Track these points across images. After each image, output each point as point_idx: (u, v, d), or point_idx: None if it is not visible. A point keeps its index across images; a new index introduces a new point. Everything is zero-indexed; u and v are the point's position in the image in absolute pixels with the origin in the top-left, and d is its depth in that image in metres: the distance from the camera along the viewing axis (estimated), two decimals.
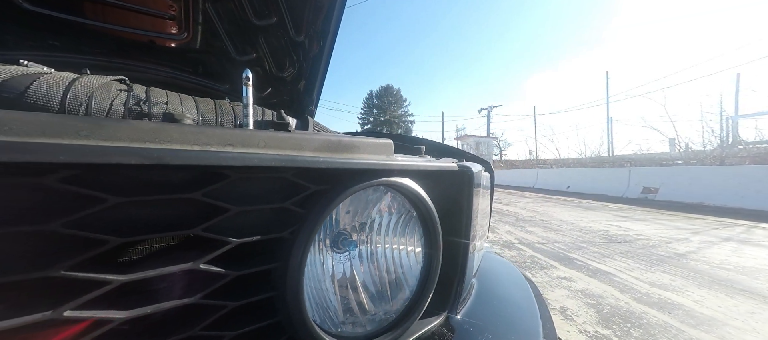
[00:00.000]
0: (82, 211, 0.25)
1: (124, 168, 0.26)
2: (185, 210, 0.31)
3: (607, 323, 1.88)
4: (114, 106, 0.63)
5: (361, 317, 0.47)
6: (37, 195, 0.25)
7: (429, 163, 0.51)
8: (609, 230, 4.56)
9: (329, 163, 0.37)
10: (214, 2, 1.42)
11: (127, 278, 0.27)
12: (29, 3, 1.19)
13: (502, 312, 0.66)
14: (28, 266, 0.24)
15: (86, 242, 0.26)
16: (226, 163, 0.30)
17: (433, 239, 0.51)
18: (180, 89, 1.86)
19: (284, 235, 0.37)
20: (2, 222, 0.23)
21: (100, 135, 0.27)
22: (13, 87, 0.54)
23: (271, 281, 0.38)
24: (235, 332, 0.35)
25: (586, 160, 19.98)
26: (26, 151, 0.23)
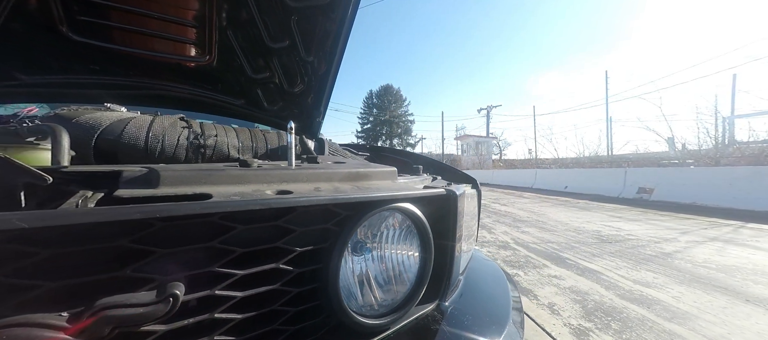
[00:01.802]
0: (226, 234, 0.44)
1: (249, 212, 0.44)
2: (272, 232, 0.49)
3: (590, 317, 2.07)
4: (179, 141, 0.81)
5: (374, 302, 0.65)
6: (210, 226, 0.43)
7: (424, 191, 0.68)
8: (601, 231, 4.75)
9: (357, 199, 0.55)
10: (235, 29, 1.59)
11: (245, 272, 0.45)
12: (73, 33, 1.36)
13: (481, 301, 0.83)
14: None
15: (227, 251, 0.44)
16: (299, 203, 0.47)
17: (426, 246, 0.68)
18: (201, 105, 2.06)
19: (326, 246, 0.55)
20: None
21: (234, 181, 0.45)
22: (114, 130, 0.71)
23: (317, 277, 0.55)
24: (296, 308, 0.53)
25: (584, 160, 20.18)
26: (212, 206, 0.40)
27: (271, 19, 1.61)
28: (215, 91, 1.96)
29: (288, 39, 1.69)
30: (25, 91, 1.47)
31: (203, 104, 1.99)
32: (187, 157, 0.82)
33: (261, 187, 0.54)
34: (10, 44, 1.27)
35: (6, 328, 0.30)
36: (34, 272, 0.32)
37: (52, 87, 1.54)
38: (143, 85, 1.70)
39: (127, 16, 1.42)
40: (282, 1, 1.53)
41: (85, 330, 0.33)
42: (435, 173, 1.14)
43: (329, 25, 1.72)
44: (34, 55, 1.39)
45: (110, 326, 0.34)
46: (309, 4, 1.61)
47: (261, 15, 1.59)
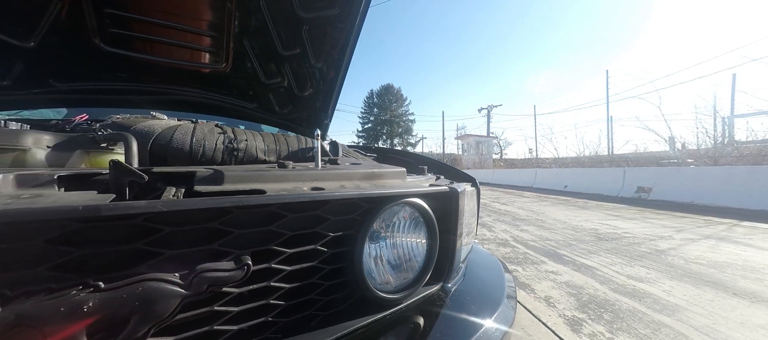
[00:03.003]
0: (279, 220, 0.56)
1: (296, 203, 0.57)
2: (313, 219, 0.62)
3: (583, 309, 2.20)
4: (217, 145, 0.93)
5: (389, 281, 0.78)
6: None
7: (431, 188, 0.81)
8: (599, 229, 4.89)
9: (377, 194, 0.68)
10: (250, 38, 1.72)
11: (294, 251, 0.58)
12: (104, 44, 1.49)
13: (479, 285, 0.97)
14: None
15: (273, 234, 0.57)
16: (334, 197, 0.60)
17: (432, 235, 0.81)
18: (217, 109, 2.20)
19: (352, 232, 0.68)
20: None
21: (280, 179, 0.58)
22: (164, 137, 0.84)
23: (344, 258, 0.68)
24: (329, 283, 0.66)
25: (584, 159, 20.34)
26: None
27: (283, 29, 1.74)
28: (230, 96, 2.10)
29: (299, 47, 1.82)
30: (58, 96, 1.61)
31: (219, 108, 2.12)
32: (223, 160, 0.95)
33: (299, 184, 0.67)
34: (48, 55, 1.40)
35: (143, 282, 0.42)
36: (160, 243, 0.45)
37: (82, 93, 1.68)
38: (164, 91, 1.84)
39: (153, 27, 1.55)
40: (294, 12, 1.67)
41: (191, 286, 0.46)
42: (437, 172, 1.27)
43: (338, 34, 1.86)
44: (69, 64, 1.52)
45: (207, 284, 0.47)
46: (319, 15, 1.74)
47: (275, 25, 1.73)
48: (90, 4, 1.33)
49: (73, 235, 0.40)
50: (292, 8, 1.65)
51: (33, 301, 0.36)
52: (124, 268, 0.43)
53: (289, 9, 1.65)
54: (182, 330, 0.49)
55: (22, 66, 1.37)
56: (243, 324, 0.54)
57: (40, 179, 0.45)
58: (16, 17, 1.26)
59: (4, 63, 1.34)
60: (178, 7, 1.55)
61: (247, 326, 0.55)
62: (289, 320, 0.61)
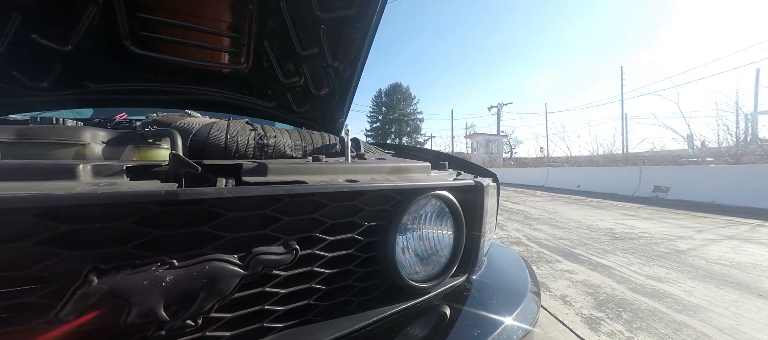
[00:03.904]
0: (321, 209, 0.61)
1: (337, 193, 0.61)
2: (350, 209, 0.66)
3: (601, 308, 2.19)
4: (249, 141, 0.99)
5: (417, 271, 0.81)
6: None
7: (457, 181, 0.84)
8: (615, 228, 4.81)
9: (410, 186, 0.71)
10: (270, 39, 1.78)
11: (334, 238, 0.63)
12: (135, 47, 1.57)
13: (503, 278, 0.99)
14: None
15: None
16: (370, 188, 0.64)
17: (459, 227, 0.84)
18: (237, 108, 2.26)
19: (384, 223, 0.72)
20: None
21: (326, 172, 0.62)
22: (202, 133, 0.89)
23: (377, 247, 0.72)
24: (364, 270, 0.70)
25: (598, 158, 19.96)
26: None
27: (302, 29, 1.80)
28: (250, 95, 2.16)
29: (317, 46, 1.87)
30: (92, 97, 1.70)
31: (239, 107, 2.19)
32: (254, 155, 1.00)
33: (334, 176, 0.71)
34: (83, 58, 1.49)
35: (209, 261, 0.47)
36: (222, 227, 0.50)
37: (113, 94, 1.77)
38: (188, 91, 1.92)
39: (179, 30, 1.62)
40: (313, 12, 1.72)
41: (249, 267, 0.50)
42: (457, 168, 1.30)
43: (355, 33, 1.90)
44: (102, 66, 1.60)
45: (262, 265, 0.52)
46: (337, 15, 1.79)
47: (293, 25, 1.78)
48: (123, 9, 1.40)
49: (153, 217, 0.44)
50: (311, 9, 1.70)
51: (122, 274, 0.41)
52: (192, 248, 0.47)
53: (307, 9, 1.70)
54: (237, 308, 0.53)
55: (60, 68, 1.46)
56: (289, 305, 0.58)
57: (111, 169, 0.50)
58: (56, 23, 1.34)
59: (44, 66, 1.43)
60: (203, 10, 1.62)
61: (293, 308, 0.59)
62: (328, 303, 0.65)
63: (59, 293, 0.39)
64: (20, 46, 1.28)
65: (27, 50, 1.31)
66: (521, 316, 0.81)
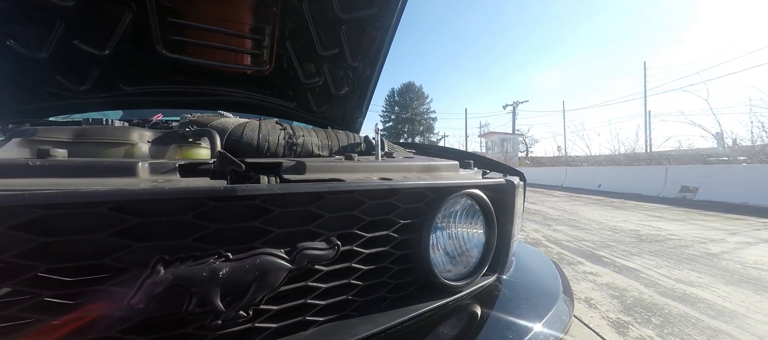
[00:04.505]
0: (360, 206, 0.62)
1: (374, 191, 0.62)
2: (386, 207, 0.67)
3: (628, 312, 2.12)
4: (279, 140, 1.01)
5: (448, 270, 0.81)
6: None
7: (489, 180, 0.84)
8: (640, 230, 4.64)
9: (443, 185, 0.72)
10: (292, 40, 1.82)
11: (371, 235, 0.64)
12: (166, 51, 1.63)
13: (533, 278, 0.98)
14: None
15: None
16: (406, 187, 0.65)
17: (491, 226, 0.84)
18: (260, 109, 2.31)
19: (418, 221, 0.72)
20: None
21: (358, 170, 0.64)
22: (236, 133, 0.93)
23: (410, 245, 0.73)
24: (398, 267, 0.71)
25: (620, 157, 19.26)
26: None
27: (323, 30, 1.82)
28: (272, 96, 2.21)
29: (337, 47, 1.90)
30: (127, 99, 1.78)
31: (261, 108, 2.24)
32: (283, 153, 1.03)
33: (368, 174, 0.72)
34: (119, 62, 1.56)
35: (260, 255, 0.49)
36: (271, 223, 0.52)
37: (145, 95, 1.84)
38: (213, 93, 1.98)
39: (207, 33, 1.68)
40: (334, 13, 1.74)
41: (295, 261, 0.52)
42: (481, 167, 1.29)
43: (375, 33, 1.91)
44: (136, 70, 1.68)
45: (307, 260, 0.53)
46: (359, 15, 1.80)
47: (315, 27, 1.81)
48: (155, 15, 1.47)
49: (210, 212, 0.47)
50: (333, 10, 1.72)
51: (185, 266, 0.43)
52: (244, 242, 0.50)
53: (329, 10, 1.72)
54: (282, 301, 0.55)
55: (98, 72, 1.54)
56: (330, 300, 0.60)
57: (166, 166, 0.53)
58: (95, 29, 1.41)
59: (84, 70, 1.51)
60: (229, 14, 1.67)
61: (333, 302, 0.61)
62: (364, 300, 0.66)
63: (130, 281, 0.42)
64: (63, 51, 1.36)
65: (69, 55, 1.39)
66: (553, 322, 0.79)
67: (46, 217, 0.37)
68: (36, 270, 0.38)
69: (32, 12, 1.24)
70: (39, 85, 1.41)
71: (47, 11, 1.26)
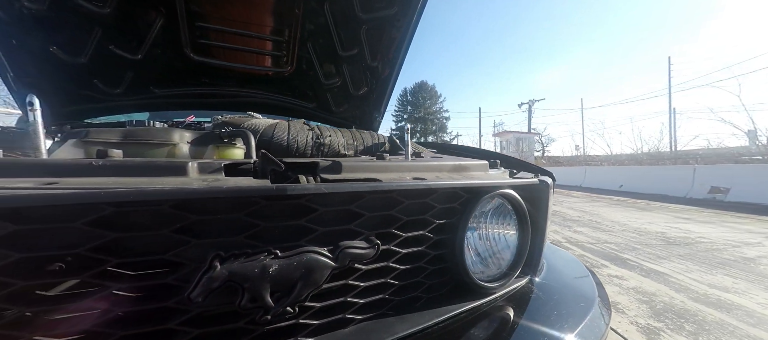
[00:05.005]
0: (398, 206, 0.63)
1: (410, 191, 0.63)
2: (423, 206, 0.68)
3: (659, 318, 2.04)
4: (307, 140, 1.03)
5: (481, 271, 0.81)
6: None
7: (523, 180, 0.83)
8: (667, 232, 4.46)
9: (479, 185, 0.72)
10: (313, 41, 1.84)
11: (408, 235, 0.64)
12: (194, 54, 1.68)
13: (566, 281, 0.96)
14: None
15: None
16: (442, 186, 0.65)
17: (524, 227, 0.83)
18: (281, 110, 2.35)
19: (453, 221, 0.72)
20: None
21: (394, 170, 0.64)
22: (267, 133, 0.95)
23: (444, 245, 0.73)
24: (433, 267, 0.71)
25: (643, 156, 18.54)
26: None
27: (344, 31, 1.84)
28: (292, 97, 2.25)
29: (357, 47, 1.91)
30: (157, 101, 1.85)
31: (281, 108, 2.28)
32: (311, 153, 1.05)
33: (401, 174, 0.73)
34: (151, 66, 1.62)
35: (306, 253, 0.50)
36: (315, 221, 0.53)
37: (174, 97, 1.91)
38: (237, 94, 2.03)
39: (231, 37, 1.72)
40: (355, 14, 1.75)
41: (338, 259, 0.53)
42: (508, 167, 1.27)
43: (395, 32, 1.92)
44: (166, 73, 1.74)
45: (349, 258, 0.54)
46: (379, 15, 1.81)
47: (336, 28, 1.83)
48: (185, 19, 1.52)
49: (261, 210, 0.49)
50: (353, 10, 1.73)
51: (239, 262, 0.45)
52: (290, 240, 0.51)
53: (350, 11, 1.74)
54: (323, 299, 0.57)
55: (132, 75, 1.60)
56: (368, 298, 0.61)
57: (212, 166, 0.56)
58: (129, 35, 1.47)
59: (118, 74, 1.58)
60: (253, 17, 1.71)
61: (371, 301, 0.61)
62: (400, 299, 0.67)
63: (188, 276, 0.44)
64: (100, 56, 1.43)
65: (105, 60, 1.46)
66: (588, 332, 0.76)
67: (115, 214, 0.39)
68: (106, 264, 0.40)
69: (73, 19, 1.30)
70: (78, 89, 1.48)
71: (86, 19, 1.32)
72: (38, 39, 1.31)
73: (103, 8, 1.31)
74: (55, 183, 0.41)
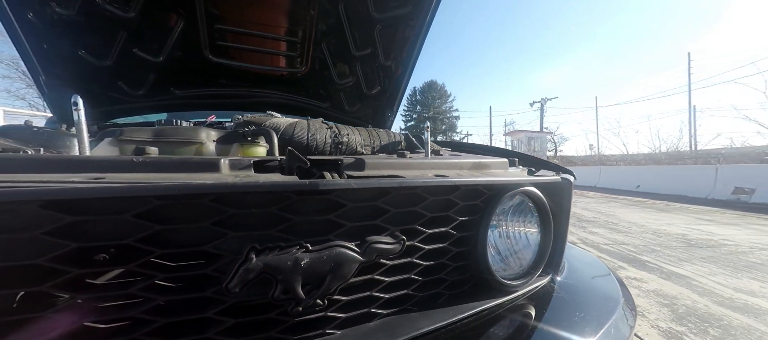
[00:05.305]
0: (422, 202, 0.64)
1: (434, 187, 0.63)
2: (446, 203, 0.68)
3: (681, 321, 1.99)
4: (326, 139, 1.05)
5: (502, 269, 0.81)
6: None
7: (545, 177, 0.82)
8: (688, 234, 4.32)
9: (502, 182, 0.72)
10: (328, 42, 1.86)
11: (431, 232, 0.65)
12: (212, 55, 1.72)
13: (588, 280, 0.95)
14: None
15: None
16: (468, 184, 0.66)
17: (546, 225, 0.82)
18: (295, 110, 2.38)
19: (475, 218, 0.73)
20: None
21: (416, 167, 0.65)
22: (287, 132, 0.97)
23: (467, 242, 0.73)
24: (455, 264, 0.72)
25: (661, 156, 17.99)
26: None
27: (358, 31, 1.86)
28: (306, 97, 2.28)
29: (371, 47, 1.92)
30: (177, 102, 1.90)
31: (296, 108, 2.32)
32: (330, 151, 1.06)
33: (423, 171, 0.73)
34: (171, 68, 1.67)
35: (335, 247, 0.52)
36: (343, 217, 0.55)
37: (193, 98, 1.96)
38: (253, 94, 2.08)
39: (248, 38, 1.76)
40: (369, 13, 1.76)
41: (365, 254, 0.55)
42: (526, 165, 1.26)
43: (408, 31, 1.92)
44: (186, 74, 1.79)
45: (375, 254, 0.56)
46: (393, 14, 1.82)
47: (350, 27, 1.85)
48: (204, 22, 1.56)
49: (293, 205, 0.50)
50: (367, 10, 1.75)
51: (273, 254, 0.47)
52: (320, 235, 0.52)
53: (364, 11, 1.75)
54: (350, 293, 0.58)
55: (154, 77, 1.66)
56: (393, 293, 0.62)
57: (242, 163, 0.58)
58: (152, 38, 1.53)
59: (141, 76, 1.64)
60: (269, 19, 1.75)
61: (395, 296, 0.62)
62: (423, 295, 0.68)
63: (225, 267, 0.45)
64: (124, 59, 1.48)
65: (129, 63, 1.51)
66: (614, 330, 0.75)
67: (160, 207, 0.41)
68: (150, 255, 0.42)
69: (100, 24, 1.36)
70: (105, 90, 1.54)
71: (113, 23, 1.37)
72: (68, 43, 1.37)
73: (128, 12, 1.36)
74: (102, 178, 0.43)
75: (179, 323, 0.45)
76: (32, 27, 1.25)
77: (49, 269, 0.37)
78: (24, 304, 0.40)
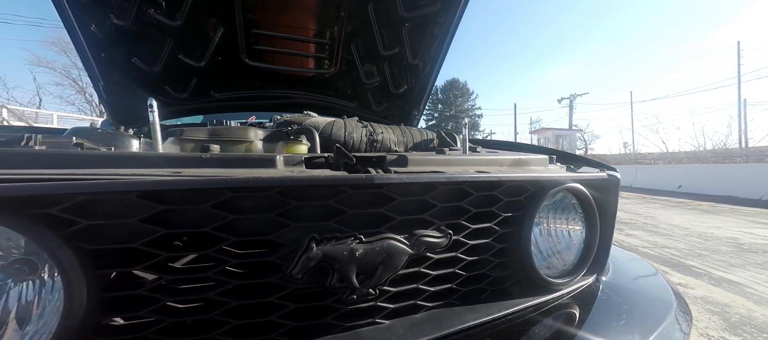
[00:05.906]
0: (467, 197, 0.65)
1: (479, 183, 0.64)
2: (491, 199, 0.69)
3: (735, 331, 1.85)
4: (362, 137, 1.09)
5: (548, 267, 0.80)
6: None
7: (590, 174, 0.80)
8: (739, 238, 3.99)
9: (548, 178, 0.71)
10: (356, 42, 1.90)
11: (476, 227, 0.66)
12: (249, 59, 1.81)
13: (635, 281, 0.91)
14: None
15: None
16: (513, 180, 0.66)
17: (592, 223, 0.80)
18: (324, 109, 2.44)
19: (519, 214, 0.72)
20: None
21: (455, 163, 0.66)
22: (326, 130, 1.01)
23: (510, 238, 0.74)
24: (497, 261, 0.72)
25: (706, 154, 16.66)
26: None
27: (386, 30, 1.88)
28: (334, 97, 2.34)
29: (399, 46, 1.94)
30: (216, 104, 2.01)
31: (325, 108, 2.38)
32: (365, 149, 1.09)
33: (463, 168, 0.74)
34: (212, 72, 1.77)
35: (387, 239, 0.54)
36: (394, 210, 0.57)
37: (232, 101, 2.07)
38: (284, 96, 2.16)
39: (281, 41, 1.83)
40: (398, 12, 1.78)
41: (414, 246, 0.57)
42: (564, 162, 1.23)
43: (437, 29, 1.92)
44: (224, 78, 1.89)
45: (424, 247, 0.57)
46: (421, 12, 1.82)
47: (378, 27, 1.87)
48: (242, 27, 1.65)
49: (347, 198, 0.53)
50: (396, 9, 1.77)
51: (331, 244, 0.50)
52: (372, 227, 0.55)
53: (393, 10, 1.77)
54: (398, 284, 0.60)
55: (196, 81, 1.77)
56: (438, 287, 0.63)
57: (294, 159, 0.61)
58: (195, 44, 1.63)
59: (185, 80, 1.75)
60: (301, 21, 1.81)
61: (440, 290, 0.64)
62: (467, 290, 0.68)
63: (287, 255, 0.49)
64: (171, 65, 1.60)
65: (175, 68, 1.63)
66: (666, 335, 0.71)
67: (233, 199, 0.46)
68: (223, 242, 0.47)
69: (151, 32, 1.47)
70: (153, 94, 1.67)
71: (162, 31, 1.48)
72: (123, 52, 1.50)
73: (175, 21, 1.47)
74: (179, 172, 0.48)
75: (247, 307, 0.49)
76: (94, 38, 1.38)
77: (143, 252, 0.42)
78: (116, 283, 0.46)
